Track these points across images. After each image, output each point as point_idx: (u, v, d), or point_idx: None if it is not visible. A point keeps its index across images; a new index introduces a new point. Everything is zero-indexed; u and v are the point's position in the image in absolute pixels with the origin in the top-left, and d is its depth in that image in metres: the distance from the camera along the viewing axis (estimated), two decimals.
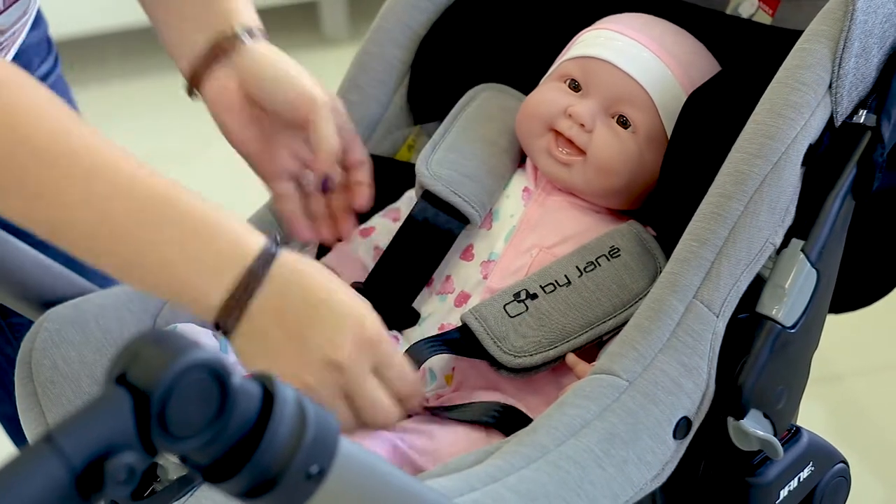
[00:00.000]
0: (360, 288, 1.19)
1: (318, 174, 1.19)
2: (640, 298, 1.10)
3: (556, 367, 1.12)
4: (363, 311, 0.97)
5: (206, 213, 0.94)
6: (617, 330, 1.10)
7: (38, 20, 1.36)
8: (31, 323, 1.17)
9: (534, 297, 1.13)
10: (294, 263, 0.95)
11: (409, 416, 1.10)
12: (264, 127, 1.19)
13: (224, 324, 0.93)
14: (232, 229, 0.94)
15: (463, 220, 1.20)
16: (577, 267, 1.15)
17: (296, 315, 0.94)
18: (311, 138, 1.17)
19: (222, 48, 1.17)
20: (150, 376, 0.63)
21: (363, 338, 0.96)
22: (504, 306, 1.13)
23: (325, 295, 0.95)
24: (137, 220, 0.92)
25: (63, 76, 1.44)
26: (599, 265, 1.14)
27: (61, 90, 1.42)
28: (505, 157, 1.25)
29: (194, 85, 1.19)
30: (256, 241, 0.94)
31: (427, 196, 1.21)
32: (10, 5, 1.18)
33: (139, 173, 0.94)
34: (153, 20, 1.23)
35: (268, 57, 1.18)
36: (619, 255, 1.15)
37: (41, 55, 1.37)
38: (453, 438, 1.05)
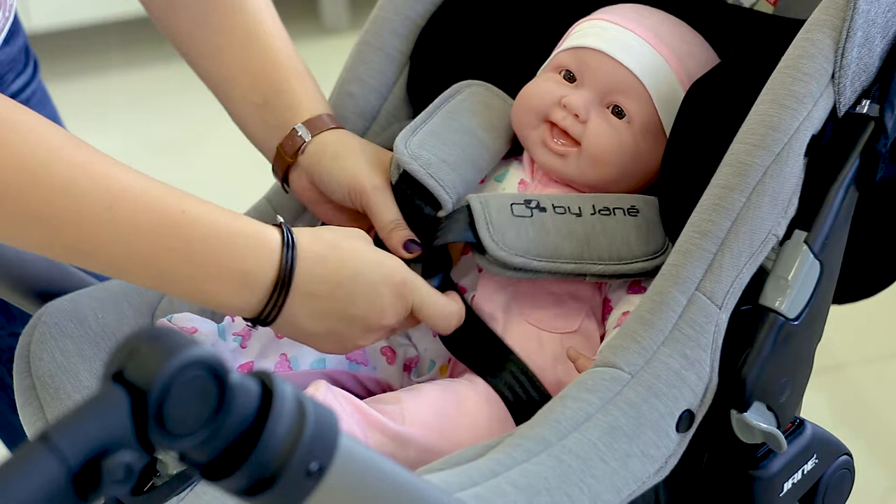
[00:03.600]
0: None
1: (391, 248, 1.17)
2: (637, 261, 1.13)
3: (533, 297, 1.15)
4: (390, 267, 1.06)
5: (223, 225, 1.00)
6: (600, 278, 1.13)
7: (13, 34, 1.34)
8: (9, 334, 1.17)
9: (542, 209, 1.14)
10: (312, 245, 1.03)
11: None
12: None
13: (265, 319, 1.02)
14: (248, 232, 1.01)
15: (437, 205, 1.18)
16: (593, 205, 1.16)
17: (332, 298, 1.03)
18: (372, 222, 1.19)
19: (288, 151, 1.23)
20: (146, 374, 0.62)
21: (397, 294, 1.06)
22: (511, 203, 1.14)
23: (351, 267, 1.04)
24: (160, 247, 0.98)
25: (43, 83, 1.43)
26: (614, 214, 1.15)
27: (41, 99, 1.42)
28: (484, 152, 1.23)
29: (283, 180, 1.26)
30: (274, 237, 1.01)
31: (404, 178, 1.19)
32: None
33: (153, 194, 0.99)
34: (227, 111, 1.29)
35: (325, 152, 1.22)
36: (636, 215, 1.15)
37: (16, 69, 1.36)
38: (416, 403, 1.06)
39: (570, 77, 1.22)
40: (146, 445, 0.63)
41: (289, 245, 1.01)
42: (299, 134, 1.22)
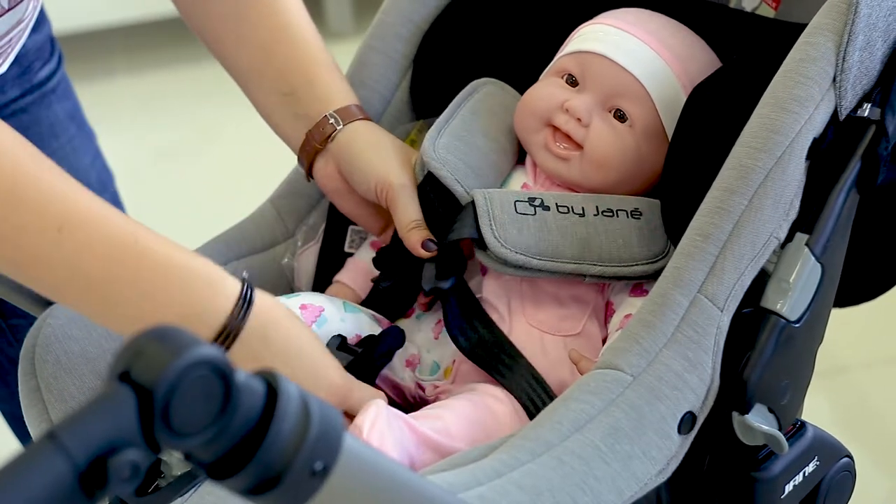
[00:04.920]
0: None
1: (409, 247, 1.18)
2: (637, 264, 1.13)
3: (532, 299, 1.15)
4: (334, 366, 1.05)
5: (181, 261, 0.98)
6: (600, 280, 1.13)
7: (41, 23, 1.36)
8: (30, 324, 1.17)
9: (546, 208, 1.14)
10: (269, 310, 1.01)
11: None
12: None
13: None
14: (206, 274, 0.99)
15: (457, 208, 1.18)
16: (596, 206, 1.16)
17: (274, 365, 0.99)
18: (394, 219, 1.19)
19: (318, 138, 1.23)
20: (153, 373, 0.62)
21: (334, 392, 1.04)
22: (515, 201, 1.14)
23: (298, 347, 1.03)
24: (110, 273, 0.95)
25: (67, 74, 1.44)
26: (617, 216, 1.15)
27: (65, 90, 1.43)
28: (503, 155, 1.24)
29: (308, 169, 1.26)
30: (233, 287, 0.99)
31: (429, 179, 1.19)
32: (4, 14, 1.18)
33: (108, 220, 0.96)
34: (254, 103, 1.29)
35: (356, 142, 1.23)
36: (638, 218, 1.16)
37: (43, 58, 1.37)
38: (458, 419, 1.06)
39: (572, 81, 1.22)
40: (152, 444, 0.64)
41: (245, 300, 0.99)
42: (330, 122, 1.23)
